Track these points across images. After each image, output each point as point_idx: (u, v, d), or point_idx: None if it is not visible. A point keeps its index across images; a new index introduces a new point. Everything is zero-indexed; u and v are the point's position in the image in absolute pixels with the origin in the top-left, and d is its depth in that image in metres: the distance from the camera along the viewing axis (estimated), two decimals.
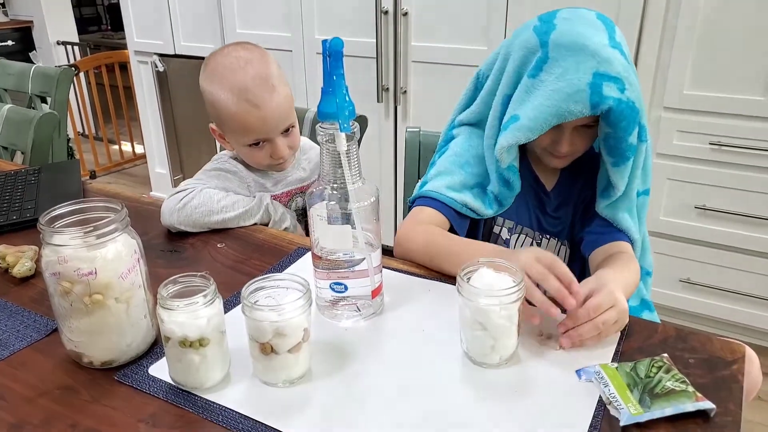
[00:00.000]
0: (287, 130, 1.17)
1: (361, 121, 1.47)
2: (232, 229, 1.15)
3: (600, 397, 0.72)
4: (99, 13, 6.46)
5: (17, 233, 1.15)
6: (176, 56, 2.91)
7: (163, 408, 0.72)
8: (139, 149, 4.07)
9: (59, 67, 2.20)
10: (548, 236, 1.13)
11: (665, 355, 0.77)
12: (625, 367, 0.74)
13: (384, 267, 0.92)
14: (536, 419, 0.69)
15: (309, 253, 1.04)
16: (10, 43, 4.47)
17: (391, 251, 1.05)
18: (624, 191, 1.01)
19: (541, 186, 1.12)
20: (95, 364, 0.78)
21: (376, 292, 0.88)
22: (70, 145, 2.73)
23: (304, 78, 2.53)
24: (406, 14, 2.19)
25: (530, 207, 1.12)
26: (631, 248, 1.05)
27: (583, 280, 0.83)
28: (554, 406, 0.71)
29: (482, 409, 0.71)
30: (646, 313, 1.12)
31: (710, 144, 1.85)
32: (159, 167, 3.28)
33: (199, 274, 0.73)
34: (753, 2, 1.70)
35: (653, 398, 0.69)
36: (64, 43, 4.43)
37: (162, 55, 2.95)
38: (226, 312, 0.78)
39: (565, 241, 1.15)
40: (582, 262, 1.11)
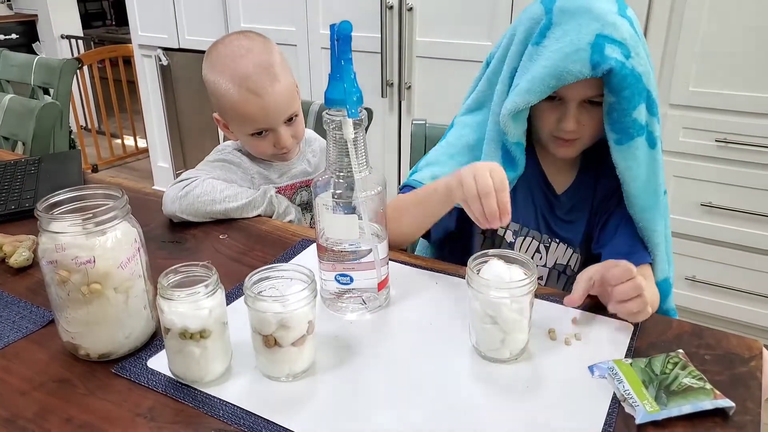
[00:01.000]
0: (290, 120, 1.15)
1: (367, 113, 1.44)
2: (235, 220, 1.12)
3: (614, 393, 0.69)
4: (104, 9, 6.45)
5: (15, 223, 1.13)
6: (180, 50, 2.89)
7: (162, 402, 0.70)
8: (141, 143, 4.06)
9: (63, 59, 2.18)
10: (558, 240, 1.08)
11: (681, 351, 0.74)
12: (639, 363, 0.72)
13: (390, 259, 0.90)
14: (548, 417, 0.67)
15: (313, 245, 1.02)
16: (14, 36, 4.48)
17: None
18: (656, 193, 0.97)
19: (551, 188, 1.08)
20: (92, 357, 0.76)
21: (383, 285, 0.86)
22: (72, 137, 2.71)
23: (308, 72, 2.52)
24: (410, 9, 2.18)
25: (537, 208, 1.07)
26: (652, 272, 1.00)
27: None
28: (566, 403, 0.69)
29: (491, 406, 0.68)
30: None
31: (716, 141, 1.83)
32: (162, 161, 3.27)
33: (201, 263, 0.71)
34: None
35: (670, 395, 0.67)
36: (68, 37, 4.42)
37: (166, 49, 2.94)
38: (228, 304, 0.75)
39: (578, 249, 1.09)
40: None
